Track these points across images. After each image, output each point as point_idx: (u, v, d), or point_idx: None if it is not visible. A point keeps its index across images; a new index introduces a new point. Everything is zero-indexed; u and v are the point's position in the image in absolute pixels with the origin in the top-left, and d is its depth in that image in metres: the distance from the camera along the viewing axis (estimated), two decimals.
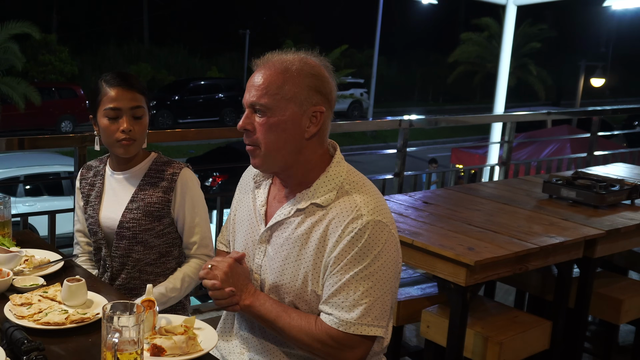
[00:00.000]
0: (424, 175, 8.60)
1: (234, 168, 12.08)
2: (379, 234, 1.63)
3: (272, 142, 1.67)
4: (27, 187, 10.46)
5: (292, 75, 1.65)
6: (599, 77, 25.25)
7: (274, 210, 1.78)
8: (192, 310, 3.41)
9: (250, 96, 1.67)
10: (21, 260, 2.07)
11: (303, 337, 1.66)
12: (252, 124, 1.68)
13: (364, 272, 1.61)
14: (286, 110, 1.64)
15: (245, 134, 1.70)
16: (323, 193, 1.69)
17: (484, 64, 26.59)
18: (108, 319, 1.41)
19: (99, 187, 2.32)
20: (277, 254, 1.73)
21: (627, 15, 25.96)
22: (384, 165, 13.01)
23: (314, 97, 1.66)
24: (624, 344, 3.76)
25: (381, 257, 1.63)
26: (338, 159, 1.74)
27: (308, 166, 1.72)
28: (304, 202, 1.70)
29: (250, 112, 1.68)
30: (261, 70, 1.67)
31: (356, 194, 1.67)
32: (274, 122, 1.65)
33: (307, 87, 1.65)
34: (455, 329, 2.56)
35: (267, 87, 1.64)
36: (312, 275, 1.67)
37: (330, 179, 1.70)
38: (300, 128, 1.67)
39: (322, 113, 1.68)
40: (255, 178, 1.86)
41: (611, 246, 3.01)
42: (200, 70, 27.70)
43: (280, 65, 1.66)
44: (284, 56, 1.68)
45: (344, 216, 1.65)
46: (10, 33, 16.59)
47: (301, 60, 1.67)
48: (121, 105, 2.15)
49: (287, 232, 1.72)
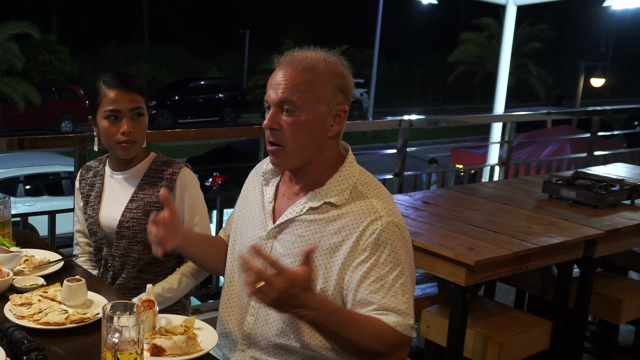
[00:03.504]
0: (424, 175, 8.58)
1: (234, 168, 12.09)
2: (402, 234, 1.67)
3: (299, 141, 1.66)
4: (27, 187, 10.46)
5: (320, 74, 1.65)
6: (599, 77, 25.27)
7: (282, 206, 1.78)
8: (192, 310, 3.42)
9: (279, 94, 1.65)
10: (21, 260, 2.07)
11: (374, 345, 1.59)
12: (279, 122, 1.66)
13: (400, 272, 1.64)
14: (315, 109, 1.65)
15: (270, 133, 1.68)
16: (337, 192, 1.70)
17: (484, 64, 26.59)
18: (108, 319, 1.41)
19: (98, 187, 2.32)
20: (287, 251, 1.72)
21: (627, 15, 25.95)
22: (384, 165, 13.00)
23: (339, 96, 1.68)
24: (624, 344, 3.76)
25: (408, 257, 1.68)
26: (350, 159, 1.76)
27: (325, 165, 1.73)
28: (317, 201, 1.70)
29: (277, 110, 1.66)
30: (287, 68, 1.66)
31: (371, 196, 1.69)
32: (302, 120, 1.64)
33: (333, 87, 1.66)
34: (455, 329, 2.56)
35: (298, 85, 1.63)
36: (324, 274, 1.67)
37: (343, 178, 1.72)
38: (325, 127, 1.68)
39: (345, 112, 1.70)
40: (265, 175, 1.85)
41: (611, 246, 3.01)
42: (200, 70, 27.69)
43: (308, 64, 1.65)
44: (308, 54, 1.68)
45: (362, 217, 1.66)
46: (10, 33, 16.59)
47: (325, 59, 1.68)
48: (120, 107, 2.15)
49: (299, 230, 1.71)
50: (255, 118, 23.64)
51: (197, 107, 22.12)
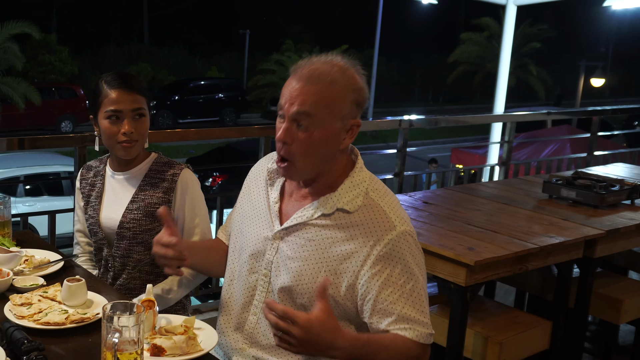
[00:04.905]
0: (424, 175, 8.58)
1: (234, 168, 12.09)
2: (415, 242, 1.69)
3: (310, 158, 1.65)
4: (27, 187, 10.46)
5: (339, 90, 1.62)
6: (599, 77, 25.29)
7: (290, 208, 1.76)
8: (192, 310, 3.41)
9: (297, 107, 1.60)
10: (21, 260, 2.07)
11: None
12: (292, 137, 1.63)
13: (416, 281, 1.66)
14: (331, 125, 1.63)
15: (281, 146, 1.65)
16: (349, 199, 1.69)
17: (484, 64, 26.60)
18: (108, 319, 1.41)
19: (99, 187, 2.32)
20: (295, 254, 1.71)
21: (627, 15, 25.96)
22: (384, 165, 13.01)
23: (354, 111, 1.66)
24: (624, 344, 3.76)
25: (421, 265, 1.70)
26: (360, 164, 1.75)
27: (336, 173, 1.72)
28: (329, 207, 1.69)
29: (291, 124, 1.63)
30: (306, 81, 1.61)
31: (383, 204, 1.69)
32: (317, 137, 1.62)
33: (350, 102, 1.64)
34: (455, 329, 2.56)
35: (317, 102, 1.60)
36: (334, 279, 1.67)
37: (355, 184, 1.71)
38: (338, 141, 1.67)
39: (359, 127, 1.68)
40: (270, 174, 1.83)
41: (611, 246, 3.01)
42: (200, 70, 27.69)
43: (327, 79, 1.61)
44: (327, 68, 1.62)
45: (375, 227, 1.65)
46: (10, 33, 16.58)
47: (343, 71, 1.63)
48: (122, 107, 2.15)
49: (309, 234, 1.70)
50: (256, 118, 23.66)
51: (197, 107, 22.12)
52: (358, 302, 1.68)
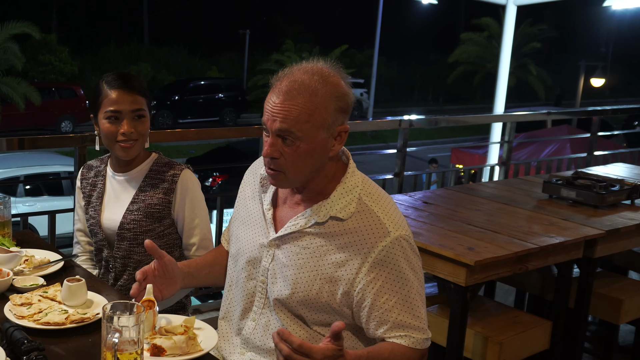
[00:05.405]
0: (424, 175, 8.59)
1: (234, 168, 12.08)
2: (411, 247, 1.68)
3: (300, 168, 1.64)
4: (27, 187, 10.47)
5: (321, 101, 1.59)
6: (599, 77, 25.29)
7: (284, 215, 1.76)
8: (192, 310, 3.41)
9: (279, 124, 1.59)
10: (21, 260, 2.07)
11: None
12: (279, 151, 1.63)
13: (411, 286, 1.66)
14: (316, 137, 1.61)
15: (270, 160, 1.65)
16: (342, 206, 1.68)
17: (484, 64, 26.59)
18: (108, 319, 1.41)
19: (100, 188, 2.32)
20: (290, 262, 1.70)
21: (627, 15, 25.96)
22: (384, 165, 13.00)
23: (340, 118, 1.65)
24: (624, 344, 3.76)
25: (418, 269, 1.69)
26: (352, 168, 1.74)
27: (326, 179, 1.71)
28: (322, 215, 1.68)
29: (276, 139, 1.61)
30: (286, 96, 1.58)
31: (377, 209, 1.68)
32: (304, 150, 1.61)
33: (334, 111, 1.62)
34: (455, 329, 2.56)
35: (298, 117, 1.58)
36: (329, 287, 1.66)
37: (347, 190, 1.70)
38: (326, 150, 1.66)
39: (347, 132, 1.67)
40: (262, 181, 1.82)
41: (611, 246, 3.01)
42: (200, 70, 27.69)
43: (307, 90, 1.58)
44: (306, 77, 1.60)
45: (369, 234, 1.64)
46: (10, 33, 16.58)
47: (324, 79, 1.60)
48: (122, 108, 2.15)
49: (303, 242, 1.69)
50: (255, 118, 23.63)
51: (197, 107, 22.12)
52: (354, 309, 1.68)
